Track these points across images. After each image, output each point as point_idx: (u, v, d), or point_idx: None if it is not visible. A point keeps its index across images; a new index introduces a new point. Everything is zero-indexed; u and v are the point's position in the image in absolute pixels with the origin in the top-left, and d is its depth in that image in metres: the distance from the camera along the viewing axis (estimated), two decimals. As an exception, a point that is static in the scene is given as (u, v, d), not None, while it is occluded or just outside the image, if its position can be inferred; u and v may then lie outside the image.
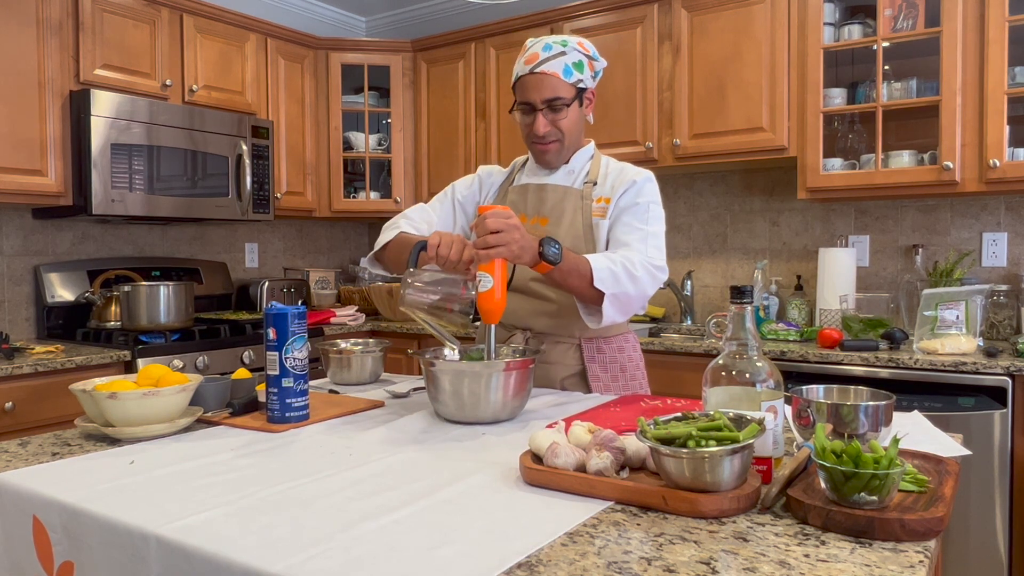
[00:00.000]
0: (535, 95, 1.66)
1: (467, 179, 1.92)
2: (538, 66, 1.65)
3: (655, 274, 1.60)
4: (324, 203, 3.87)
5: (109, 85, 2.92)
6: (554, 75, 1.64)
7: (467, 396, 1.38)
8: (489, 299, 1.43)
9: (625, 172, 1.74)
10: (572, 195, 1.74)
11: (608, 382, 1.74)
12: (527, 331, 1.76)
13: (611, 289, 1.52)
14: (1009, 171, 2.49)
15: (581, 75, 1.67)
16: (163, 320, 2.89)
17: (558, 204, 1.74)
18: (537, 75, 1.65)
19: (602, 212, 1.71)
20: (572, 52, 1.66)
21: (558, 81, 1.64)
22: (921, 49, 2.75)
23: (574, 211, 1.73)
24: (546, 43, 1.67)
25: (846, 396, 1.17)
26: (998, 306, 2.72)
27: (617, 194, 1.70)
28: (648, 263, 1.59)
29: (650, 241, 1.65)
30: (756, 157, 2.97)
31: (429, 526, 0.89)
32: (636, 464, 1.04)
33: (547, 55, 1.65)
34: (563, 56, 1.65)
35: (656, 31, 3.15)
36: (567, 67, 1.65)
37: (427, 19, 4.30)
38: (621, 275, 1.54)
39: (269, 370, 1.38)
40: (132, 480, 1.09)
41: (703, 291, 3.46)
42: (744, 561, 0.80)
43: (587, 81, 1.70)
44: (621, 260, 1.56)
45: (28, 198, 2.75)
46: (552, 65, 1.64)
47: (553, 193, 1.76)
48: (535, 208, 1.76)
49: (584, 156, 1.79)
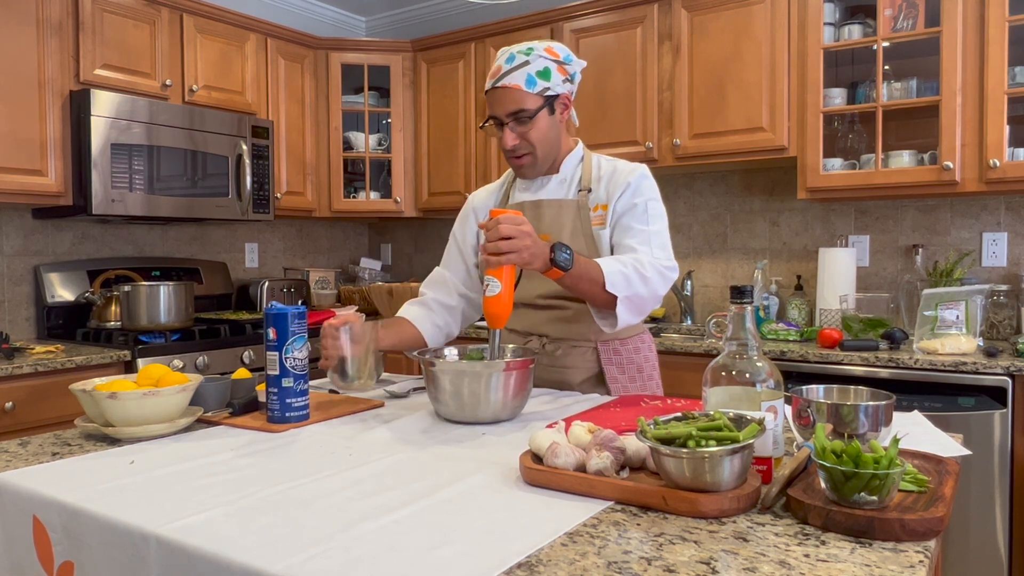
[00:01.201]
0: (499, 109, 1.64)
1: (461, 215, 1.89)
2: (500, 80, 1.63)
3: (665, 273, 1.59)
4: (324, 203, 3.87)
5: (109, 85, 2.92)
6: (515, 87, 1.61)
7: (467, 396, 1.38)
8: (496, 303, 1.42)
9: (617, 173, 1.71)
10: (568, 207, 1.72)
11: (626, 383, 1.73)
12: (544, 337, 1.75)
13: (623, 292, 1.51)
14: (1009, 171, 2.49)
15: (547, 83, 1.63)
16: (163, 320, 2.88)
17: (556, 219, 1.72)
18: (499, 89, 1.63)
19: (601, 221, 1.69)
20: (537, 60, 1.62)
21: (520, 93, 1.61)
22: (921, 49, 2.75)
23: (573, 224, 1.70)
24: (510, 54, 1.64)
25: (846, 396, 1.17)
26: (998, 306, 2.72)
27: (613, 199, 1.68)
28: (656, 263, 1.58)
29: (653, 241, 1.63)
30: (756, 157, 2.97)
31: (429, 526, 0.89)
32: (636, 464, 1.04)
33: (509, 67, 1.62)
34: (526, 66, 1.62)
35: (656, 31, 3.15)
36: (530, 77, 1.61)
37: (427, 19, 4.30)
38: (633, 277, 1.53)
39: (269, 370, 1.38)
40: (132, 480, 1.09)
41: (703, 291, 3.46)
42: (744, 561, 0.80)
43: (557, 87, 1.65)
44: (631, 262, 1.55)
45: (28, 198, 2.75)
46: (513, 77, 1.61)
47: (549, 208, 1.73)
48: (533, 226, 1.73)
49: (574, 161, 1.76)
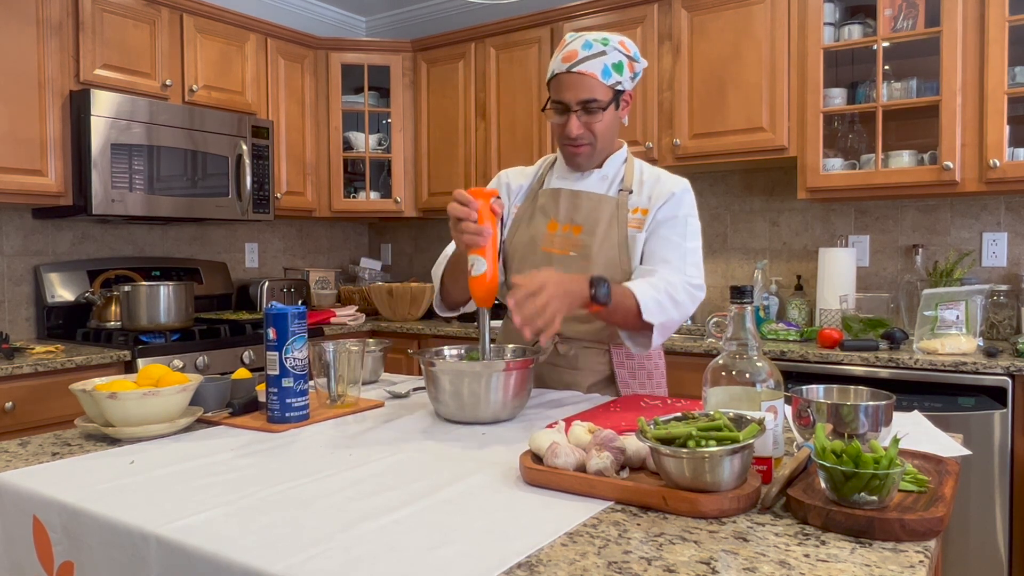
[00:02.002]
0: (570, 95, 1.59)
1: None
2: (575, 65, 1.57)
3: (695, 294, 1.59)
4: (324, 203, 3.87)
5: (109, 85, 2.92)
6: (592, 76, 1.57)
7: (467, 396, 1.38)
8: (481, 283, 1.41)
9: (662, 182, 1.69)
10: (607, 204, 1.68)
11: (636, 389, 1.72)
12: (557, 336, 1.72)
13: (659, 319, 1.51)
14: (1009, 171, 2.49)
15: (620, 77, 1.60)
16: (163, 320, 2.88)
17: (592, 213, 1.68)
18: (574, 74, 1.57)
19: (639, 224, 1.66)
20: (613, 52, 1.59)
21: (595, 82, 1.57)
22: (921, 49, 2.75)
23: (610, 221, 1.67)
24: (586, 40, 1.59)
25: (846, 396, 1.17)
26: (998, 306, 2.71)
27: (655, 206, 1.65)
28: (688, 284, 1.58)
29: (688, 258, 1.62)
30: (756, 157, 2.97)
31: (429, 526, 0.89)
32: (636, 464, 1.04)
33: (586, 53, 1.57)
34: (603, 56, 1.57)
35: (656, 31, 3.15)
36: (606, 68, 1.57)
37: (427, 19, 4.30)
38: (666, 304, 1.52)
39: (269, 370, 1.38)
40: (132, 480, 1.09)
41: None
42: (744, 561, 0.80)
43: (626, 83, 1.62)
44: (664, 287, 1.54)
45: (28, 198, 2.75)
46: (590, 65, 1.57)
47: (588, 200, 1.69)
48: (568, 215, 1.70)
49: (618, 161, 1.74)
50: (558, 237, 1.69)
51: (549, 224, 1.71)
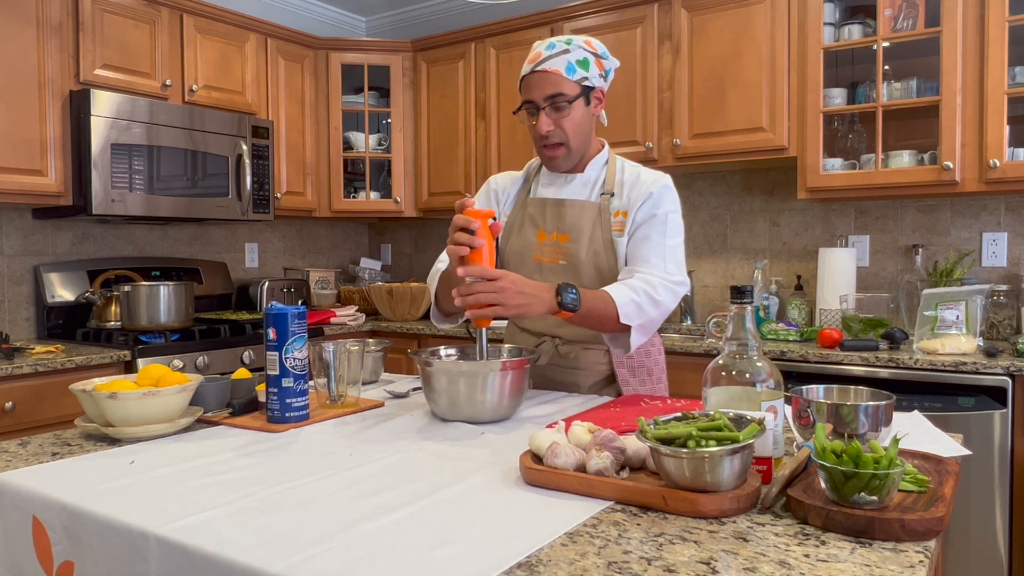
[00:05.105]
0: (537, 93, 1.64)
1: (480, 196, 1.87)
2: (540, 64, 1.63)
3: (675, 290, 1.60)
4: (324, 203, 3.87)
5: (109, 85, 2.92)
6: (555, 72, 1.62)
7: (463, 396, 1.38)
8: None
9: (640, 182, 1.71)
10: (590, 210, 1.71)
11: (636, 386, 1.74)
12: (556, 338, 1.75)
13: (637, 321, 1.53)
14: (1009, 171, 2.49)
15: (586, 72, 1.64)
16: (163, 320, 2.88)
17: (577, 220, 1.71)
18: (539, 73, 1.63)
19: (620, 227, 1.69)
20: (577, 50, 1.64)
21: (559, 78, 1.62)
22: (921, 49, 2.75)
23: (593, 227, 1.70)
24: (550, 42, 1.65)
25: (846, 396, 1.17)
26: (998, 306, 2.71)
27: (634, 207, 1.68)
28: (668, 281, 1.59)
29: (668, 255, 1.63)
30: (756, 157, 2.97)
31: (429, 526, 0.89)
32: (636, 464, 1.04)
33: (549, 53, 1.63)
34: (566, 54, 1.63)
35: (656, 31, 3.15)
36: (570, 64, 1.62)
37: (427, 19, 4.30)
38: (645, 304, 1.54)
39: (269, 370, 1.38)
40: (132, 480, 1.09)
41: (703, 291, 3.46)
42: (744, 561, 0.80)
43: (594, 79, 1.66)
44: (643, 287, 1.55)
45: (28, 198, 2.75)
46: (554, 63, 1.62)
47: (571, 208, 1.72)
48: (554, 224, 1.73)
49: (599, 163, 1.76)
50: (547, 246, 1.73)
51: (538, 234, 1.75)
